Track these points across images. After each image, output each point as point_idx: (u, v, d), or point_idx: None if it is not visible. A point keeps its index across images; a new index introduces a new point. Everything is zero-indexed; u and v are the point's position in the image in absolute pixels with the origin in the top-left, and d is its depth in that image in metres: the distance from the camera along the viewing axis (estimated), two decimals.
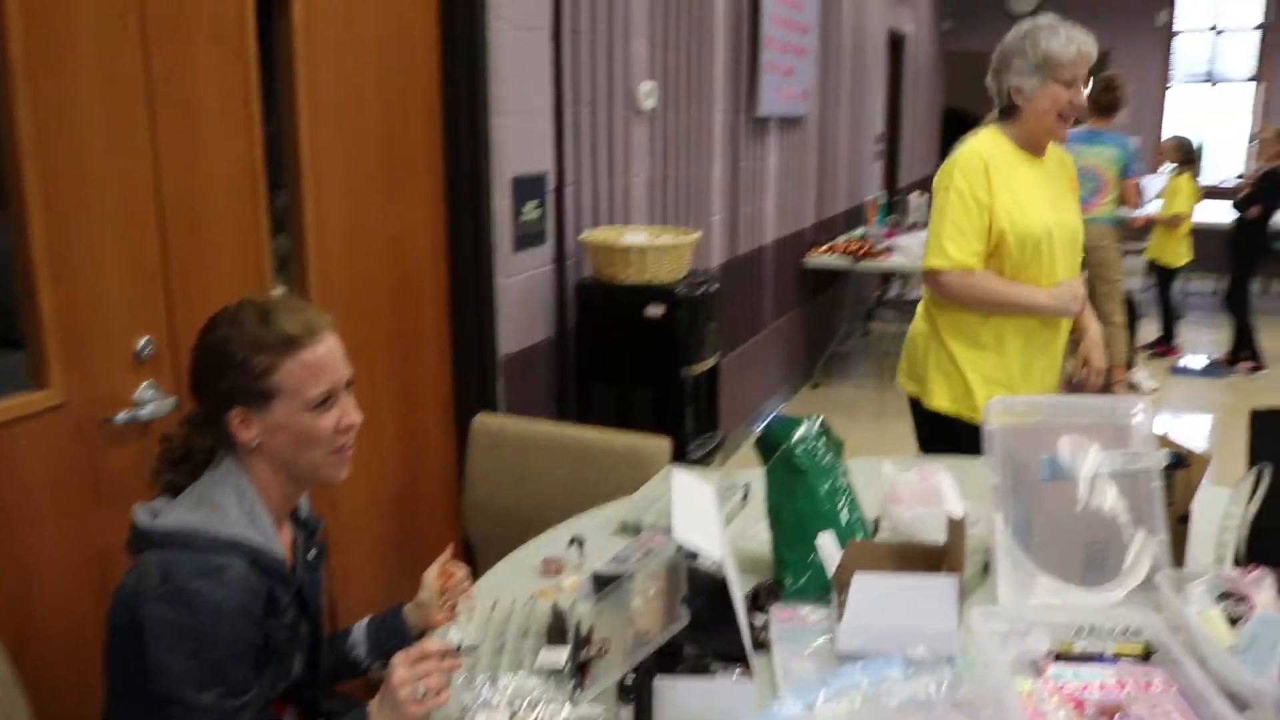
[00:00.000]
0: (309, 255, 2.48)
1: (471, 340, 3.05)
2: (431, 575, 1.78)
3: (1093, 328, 2.93)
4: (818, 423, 1.96)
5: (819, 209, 6.75)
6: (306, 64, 2.42)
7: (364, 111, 2.63)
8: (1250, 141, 9.98)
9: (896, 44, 8.84)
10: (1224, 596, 1.63)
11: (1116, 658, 1.56)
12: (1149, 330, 7.38)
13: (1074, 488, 1.83)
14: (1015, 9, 11.18)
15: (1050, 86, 2.69)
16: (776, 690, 1.49)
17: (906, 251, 6.53)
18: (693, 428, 3.45)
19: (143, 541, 1.47)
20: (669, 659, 1.50)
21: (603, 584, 1.76)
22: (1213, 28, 10.69)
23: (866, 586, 1.56)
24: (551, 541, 2.07)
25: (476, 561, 2.64)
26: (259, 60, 2.28)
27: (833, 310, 7.24)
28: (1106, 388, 6.21)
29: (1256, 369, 7.06)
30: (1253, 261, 7.11)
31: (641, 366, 3.32)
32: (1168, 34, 10.83)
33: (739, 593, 1.52)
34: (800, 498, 1.84)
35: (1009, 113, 2.79)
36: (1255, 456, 1.82)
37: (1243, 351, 7.12)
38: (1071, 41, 2.69)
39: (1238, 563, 1.75)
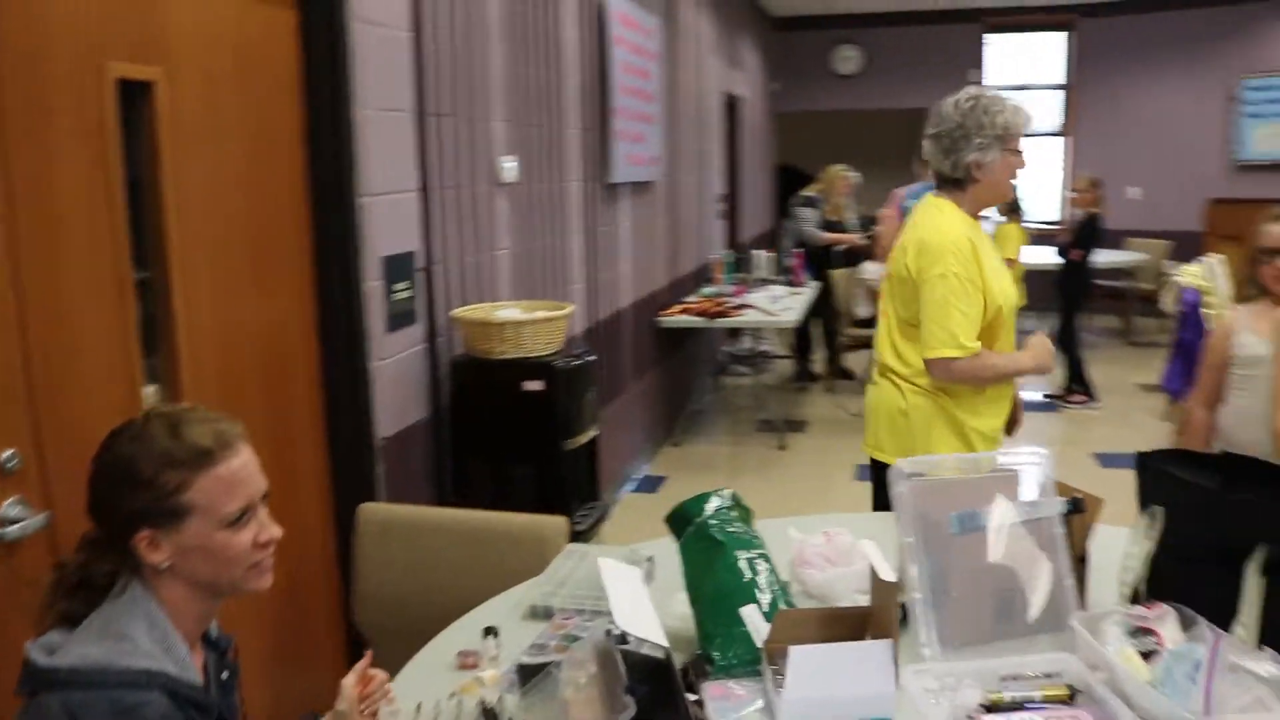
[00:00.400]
0: (180, 352, 2.37)
1: (348, 426, 2.96)
2: (350, 682, 1.70)
3: None
4: (729, 495, 1.97)
5: (670, 270, 6.85)
6: (171, 157, 2.32)
7: (231, 201, 2.55)
8: (1068, 191, 10.58)
9: (732, 107, 9.09)
10: (1135, 633, 1.69)
11: (1044, 703, 1.59)
12: None
13: (983, 540, 1.87)
14: (839, 70, 11.67)
15: (1008, 157, 2.77)
16: None
17: (758, 308, 6.66)
18: (576, 500, 3.42)
19: (40, 682, 1.33)
20: None
21: (528, 674, 1.71)
22: (1019, 86, 11.36)
23: (804, 658, 1.56)
24: (461, 632, 2.01)
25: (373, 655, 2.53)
26: (123, 155, 2.18)
27: (688, 369, 7.33)
28: None
29: (1088, 402, 7.43)
30: (1078, 300, 7.52)
31: (521, 442, 3.28)
32: None
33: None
34: (720, 571, 1.83)
35: (957, 184, 2.81)
36: (1144, 496, 1.90)
37: (1075, 385, 7.50)
38: (1019, 111, 2.78)
39: (1138, 600, 1.82)
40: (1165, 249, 9.85)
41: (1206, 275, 5.76)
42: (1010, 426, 3.04)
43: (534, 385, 3.21)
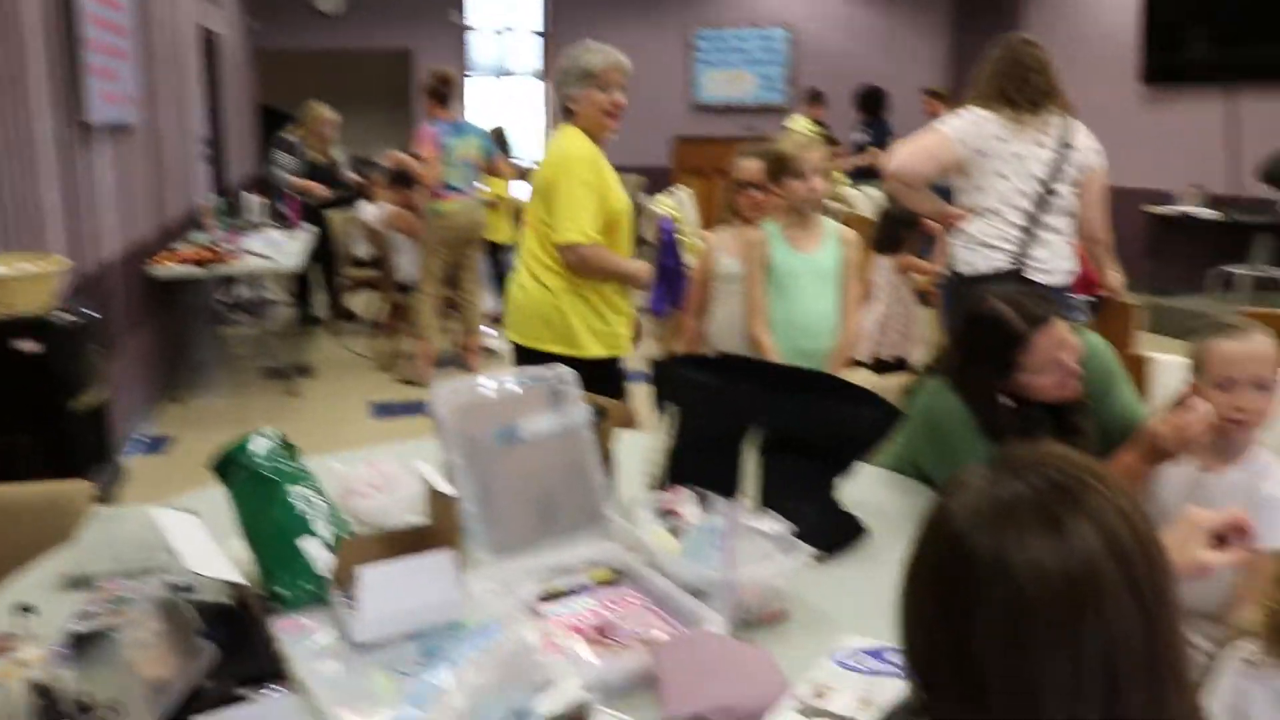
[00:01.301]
0: None
1: None
2: None
3: None
4: (271, 432, 1.96)
5: (158, 217, 6.41)
6: None
7: None
8: (550, 130, 11.12)
9: (211, 44, 8.58)
10: (662, 515, 1.93)
11: (594, 586, 1.78)
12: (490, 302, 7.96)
13: (523, 450, 2.02)
14: (321, 7, 11.38)
15: (594, 93, 3.30)
16: (313, 700, 1.50)
17: (256, 253, 6.42)
18: (87, 466, 3.18)
19: None
20: (189, 703, 1.45)
21: (83, 643, 1.61)
22: (500, 29, 11.74)
23: (373, 577, 1.62)
24: None
25: None
26: None
27: (184, 321, 6.93)
28: (468, 355, 6.70)
29: None
30: None
31: (18, 408, 2.98)
32: (461, 31, 11.70)
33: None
34: (276, 508, 1.83)
35: (569, 115, 3.37)
36: (660, 396, 2.16)
37: None
38: (604, 55, 3.33)
39: (661, 488, 2.07)
40: (640, 183, 10.73)
41: (677, 205, 6.40)
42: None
43: (27, 345, 2.93)
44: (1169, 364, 3.17)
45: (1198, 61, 8.73)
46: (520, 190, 7.97)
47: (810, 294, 3.28)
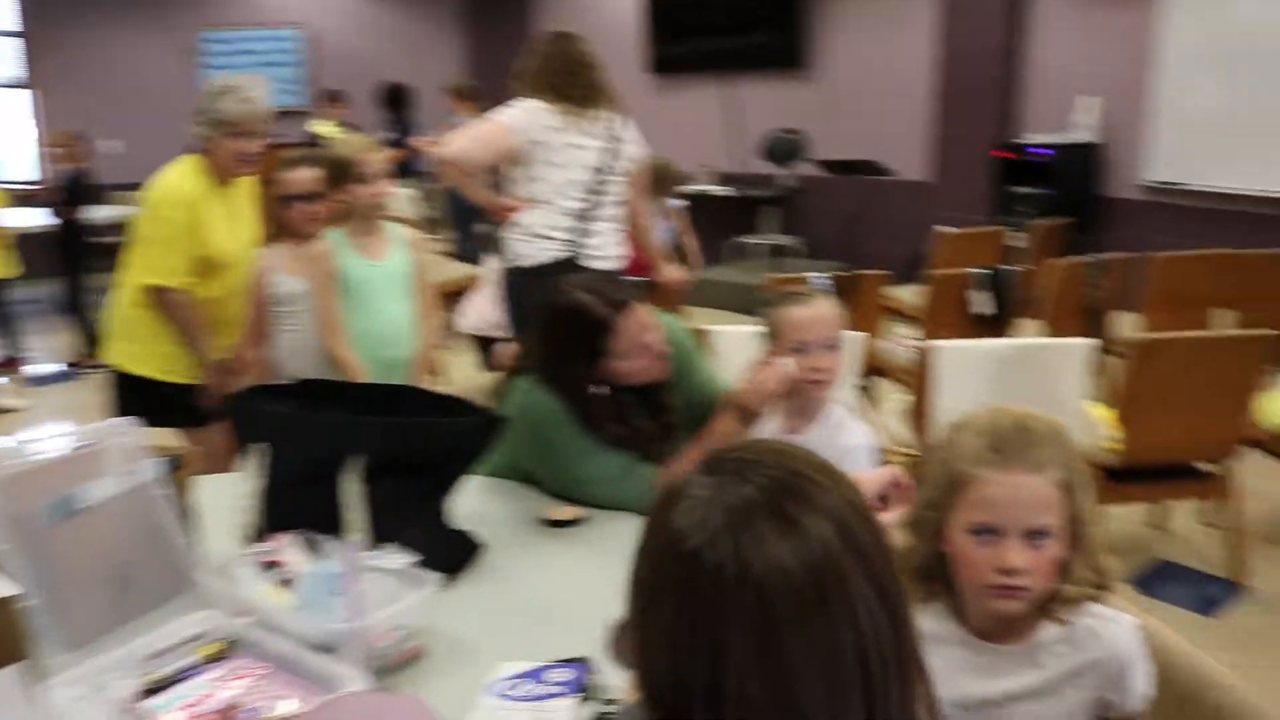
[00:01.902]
0: None
1: None
2: None
3: None
4: None
5: None
6: None
7: None
8: (45, 147, 9.87)
9: None
10: (266, 568, 1.73)
11: (205, 665, 1.56)
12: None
13: (84, 521, 1.74)
14: None
15: (226, 141, 3.18)
16: None
17: None
18: None
19: None
20: None
21: None
22: None
23: None
24: None
25: None
26: None
27: None
28: None
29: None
30: (80, 261, 7.19)
31: None
32: None
33: None
34: None
35: (204, 151, 3.23)
36: (242, 435, 1.95)
37: (95, 348, 7.20)
38: (246, 106, 3.17)
39: (260, 535, 1.86)
40: None
41: None
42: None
43: None
44: (726, 334, 3.37)
45: (696, 52, 9.51)
46: (11, 217, 7.01)
47: (387, 302, 3.19)
